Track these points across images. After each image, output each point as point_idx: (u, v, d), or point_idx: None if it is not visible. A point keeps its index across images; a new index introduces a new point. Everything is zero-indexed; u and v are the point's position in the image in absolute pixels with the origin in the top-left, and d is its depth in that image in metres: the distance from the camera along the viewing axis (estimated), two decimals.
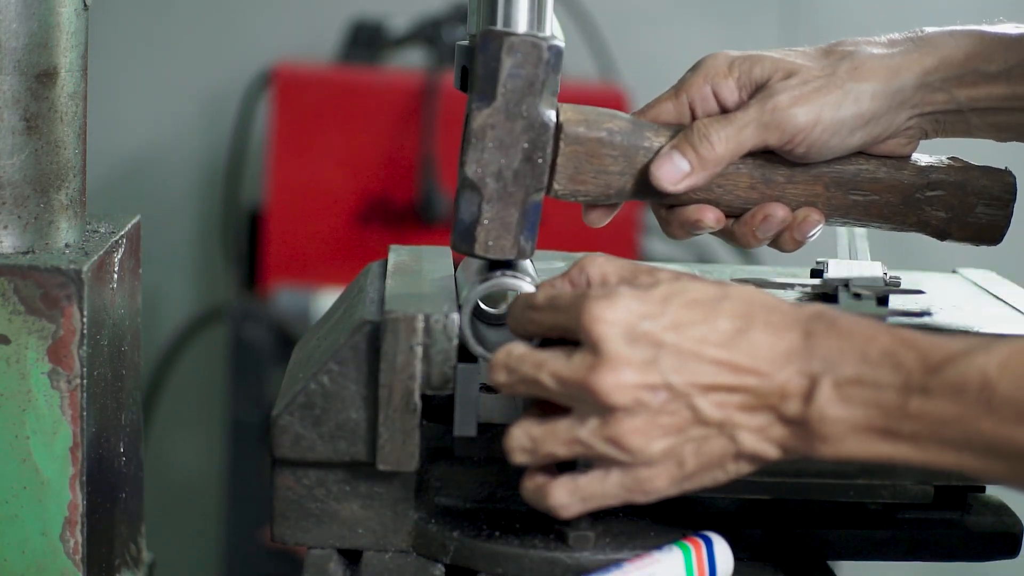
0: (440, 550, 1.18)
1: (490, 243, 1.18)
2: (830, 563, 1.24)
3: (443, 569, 1.18)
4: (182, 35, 3.14)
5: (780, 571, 1.20)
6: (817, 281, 1.30)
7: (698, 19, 3.19)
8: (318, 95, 2.75)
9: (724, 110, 1.22)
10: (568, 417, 1.07)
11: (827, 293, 1.27)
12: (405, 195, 2.72)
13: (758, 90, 1.21)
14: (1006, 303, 1.31)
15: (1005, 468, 1.01)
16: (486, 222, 1.17)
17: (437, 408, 1.18)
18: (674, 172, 1.19)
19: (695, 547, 1.14)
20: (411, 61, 2.90)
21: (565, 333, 1.09)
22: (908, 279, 1.34)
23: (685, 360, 1.05)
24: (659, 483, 1.07)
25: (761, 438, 1.06)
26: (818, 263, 1.32)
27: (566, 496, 1.09)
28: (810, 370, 1.04)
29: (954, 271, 1.43)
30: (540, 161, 1.18)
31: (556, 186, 1.20)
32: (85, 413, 1.21)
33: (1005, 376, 0.99)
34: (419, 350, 1.14)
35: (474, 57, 1.17)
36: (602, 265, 1.13)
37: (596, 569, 1.14)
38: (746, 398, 1.05)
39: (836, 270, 1.29)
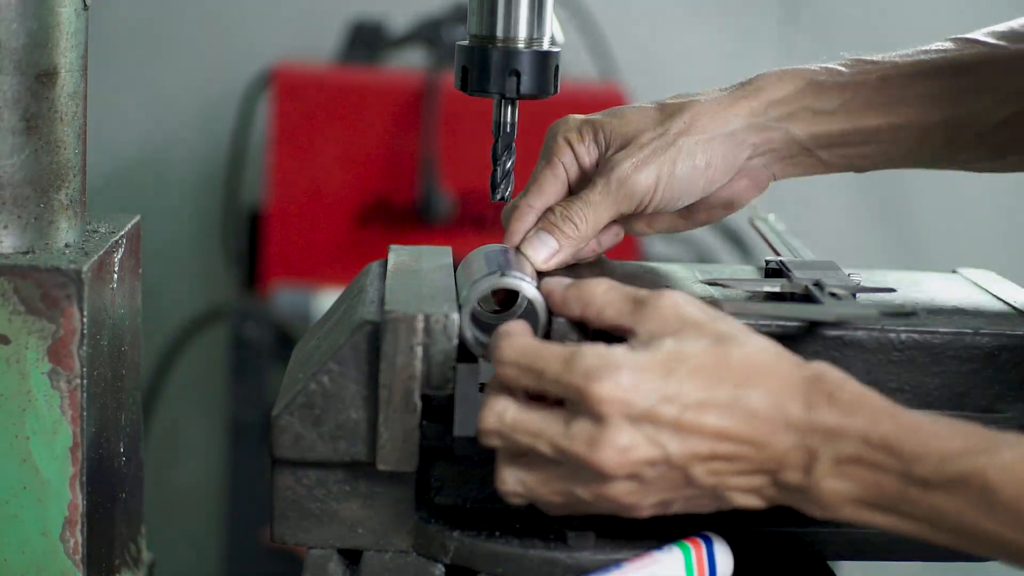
0: (440, 550, 1.18)
1: None
2: (830, 563, 1.24)
3: (443, 569, 1.18)
4: (182, 35, 3.14)
5: (780, 571, 1.20)
6: (784, 281, 1.26)
7: (698, 19, 3.19)
8: (318, 95, 2.75)
9: (584, 171, 1.30)
10: (561, 471, 1.08)
11: (796, 293, 1.24)
12: (405, 195, 2.72)
13: (601, 157, 1.29)
14: (1006, 303, 1.31)
15: (1006, 560, 1.03)
16: None
17: (437, 408, 1.17)
18: (545, 251, 1.26)
19: (695, 547, 1.14)
20: (411, 61, 2.90)
21: (552, 395, 1.08)
22: (908, 279, 1.34)
23: (685, 433, 1.06)
24: (642, 515, 1.10)
25: (752, 496, 1.08)
26: (767, 263, 1.31)
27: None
28: (810, 444, 1.05)
29: (954, 271, 1.42)
30: None
31: None
32: (85, 413, 1.21)
33: (1007, 482, 1.00)
34: (419, 350, 1.14)
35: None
36: (667, 308, 1.09)
37: (596, 569, 1.14)
38: (742, 465, 1.06)
39: (800, 273, 1.27)
